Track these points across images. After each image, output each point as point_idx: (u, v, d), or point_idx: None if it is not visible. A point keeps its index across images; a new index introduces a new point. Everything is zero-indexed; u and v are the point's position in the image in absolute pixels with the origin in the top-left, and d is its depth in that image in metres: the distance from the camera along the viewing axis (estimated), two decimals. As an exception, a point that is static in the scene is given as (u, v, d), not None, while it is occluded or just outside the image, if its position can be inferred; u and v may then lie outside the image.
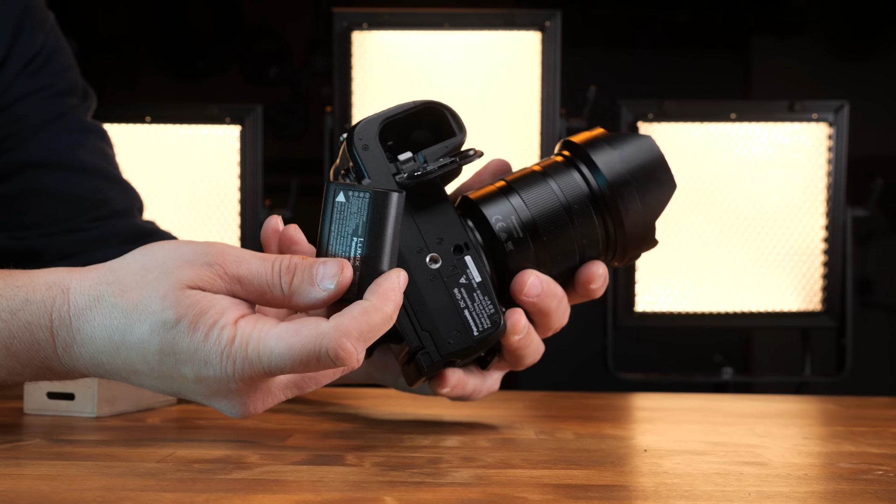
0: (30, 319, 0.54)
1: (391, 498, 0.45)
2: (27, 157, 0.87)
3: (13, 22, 0.87)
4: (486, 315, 0.60)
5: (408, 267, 0.59)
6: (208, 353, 0.52)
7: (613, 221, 0.64)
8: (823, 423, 0.79)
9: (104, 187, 0.90)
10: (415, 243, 0.60)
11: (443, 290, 0.59)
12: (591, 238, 0.64)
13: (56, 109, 0.89)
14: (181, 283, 0.52)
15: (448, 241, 0.60)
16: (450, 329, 0.59)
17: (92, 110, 0.94)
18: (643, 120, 1.62)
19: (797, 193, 1.62)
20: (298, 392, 0.57)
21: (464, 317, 0.59)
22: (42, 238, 0.87)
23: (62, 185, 0.88)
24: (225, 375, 0.52)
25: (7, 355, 0.55)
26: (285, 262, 0.53)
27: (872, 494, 0.48)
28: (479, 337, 0.59)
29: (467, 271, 0.60)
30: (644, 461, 0.56)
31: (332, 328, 0.51)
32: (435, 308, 0.59)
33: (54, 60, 0.90)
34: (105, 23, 2.78)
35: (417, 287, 0.59)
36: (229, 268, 0.53)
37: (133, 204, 0.92)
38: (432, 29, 1.60)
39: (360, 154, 0.61)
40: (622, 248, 0.65)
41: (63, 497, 0.43)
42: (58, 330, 0.54)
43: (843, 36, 2.82)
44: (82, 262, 0.85)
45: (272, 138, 1.98)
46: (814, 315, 1.64)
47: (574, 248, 0.64)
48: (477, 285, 0.60)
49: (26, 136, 0.87)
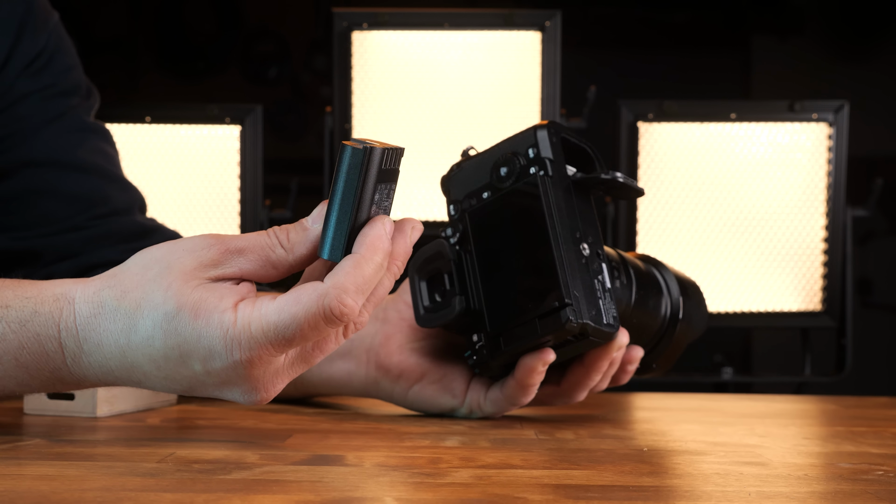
0: (38, 331, 0.54)
1: (391, 498, 0.45)
2: (27, 157, 0.87)
3: (16, 22, 0.87)
4: (612, 315, 0.65)
5: (567, 242, 0.64)
6: (212, 340, 0.52)
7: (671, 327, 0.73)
8: (823, 423, 0.79)
9: (104, 186, 0.89)
10: (575, 227, 0.65)
11: (587, 275, 0.64)
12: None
13: (57, 109, 0.89)
14: (184, 274, 0.52)
15: (595, 244, 0.66)
16: (589, 307, 0.64)
17: (94, 110, 0.94)
18: (643, 120, 1.62)
19: (797, 193, 1.62)
20: (306, 365, 0.56)
21: (598, 304, 0.64)
22: (41, 238, 0.87)
23: (62, 184, 0.87)
24: (232, 361, 0.52)
25: (16, 366, 0.55)
26: (277, 228, 0.55)
27: (872, 494, 0.48)
28: (607, 326, 0.64)
29: (603, 274, 0.65)
30: (644, 461, 0.56)
31: (329, 287, 0.51)
32: (582, 284, 0.64)
33: (57, 60, 0.90)
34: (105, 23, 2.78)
35: (573, 260, 0.64)
36: (229, 243, 0.54)
37: (134, 202, 0.92)
38: (432, 29, 1.59)
39: (552, 143, 0.67)
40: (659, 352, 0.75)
41: (63, 497, 0.43)
42: (66, 341, 0.54)
43: (843, 36, 2.82)
44: (83, 262, 0.85)
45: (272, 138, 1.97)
46: (814, 315, 1.64)
47: (647, 337, 0.73)
48: (607, 289, 0.65)
49: (26, 136, 0.87)
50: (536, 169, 0.66)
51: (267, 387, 0.55)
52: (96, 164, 0.90)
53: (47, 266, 0.86)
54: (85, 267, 0.84)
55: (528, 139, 0.68)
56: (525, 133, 0.68)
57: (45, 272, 0.85)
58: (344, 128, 1.60)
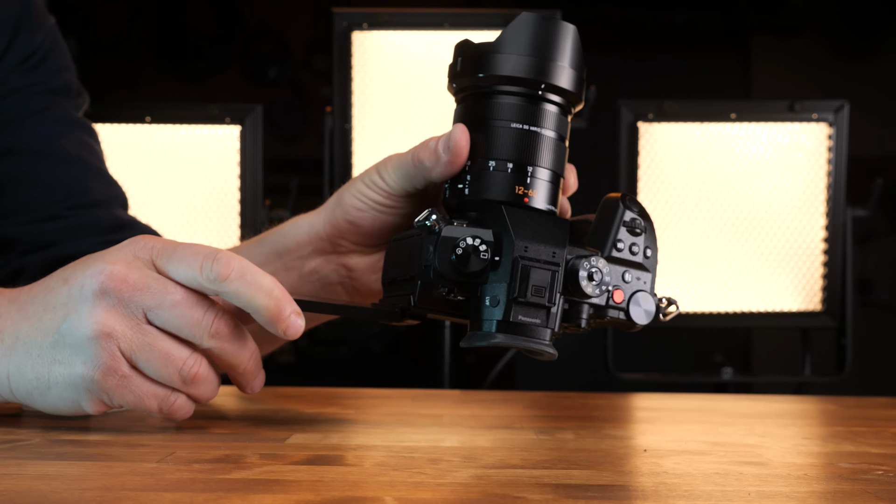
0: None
1: (391, 498, 0.45)
2: (9, 145, 0.87)
3: (13, 20, 0.88)
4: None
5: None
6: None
7: None
8: (823, 423, 0.79)
9: (85, 177, 0.89)
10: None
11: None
12: None
13: (44, 104, 0.89)
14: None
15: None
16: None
17: (83, 109, 0.94)
18: (643, 120, 1.62)
19: (797, 193, 1.62)
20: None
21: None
22: (17, 226, 0.86)
23: (42, 172, 0.87)
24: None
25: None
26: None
27: (872, 494, 0.48)
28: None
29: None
30: (644, 461, 0.56)
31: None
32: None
33: (51, 60, 0.90)
34: (105, 23, 2.78)
35: None
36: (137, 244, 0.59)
37: (115, 197, 0.91)
38: (432, 29, 1.60)
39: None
40: None
41: (63, 497, 0.43)
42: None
43: (842, 36, 2.82)
44: (55, 253, 0.84)
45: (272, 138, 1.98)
46: (814, 315, 1.64)
47: None
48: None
49: (11, 125, 0.87)
50: None
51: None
52: (80, 156, 0.89)
53: (22, 256, 0.85)
54: (57, 258, 0.82)
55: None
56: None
57: (19, 262, 0.85)
58: (344, 128, 1.60)
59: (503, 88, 0.65)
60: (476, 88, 0.66)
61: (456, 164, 0.64)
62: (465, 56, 0.66)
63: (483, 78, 0.65)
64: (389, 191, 0.70)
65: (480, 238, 0.60)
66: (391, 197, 0.70)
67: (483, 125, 0.65)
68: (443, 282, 0.61)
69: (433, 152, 0.65)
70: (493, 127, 0.65)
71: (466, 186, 0.65)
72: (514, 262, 0.59)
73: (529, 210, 0.63)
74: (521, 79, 0.64)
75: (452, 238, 0.60)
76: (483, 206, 0.64)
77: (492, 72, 0.64)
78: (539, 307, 0.60)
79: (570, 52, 0.65)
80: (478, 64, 0.65)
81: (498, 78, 0.64)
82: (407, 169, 0.68)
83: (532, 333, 0.60)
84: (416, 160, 0.67)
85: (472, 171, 0.65)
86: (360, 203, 0.71)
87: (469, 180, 0.65)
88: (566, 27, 0.65)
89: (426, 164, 0.66)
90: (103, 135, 0.99)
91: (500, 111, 0.65)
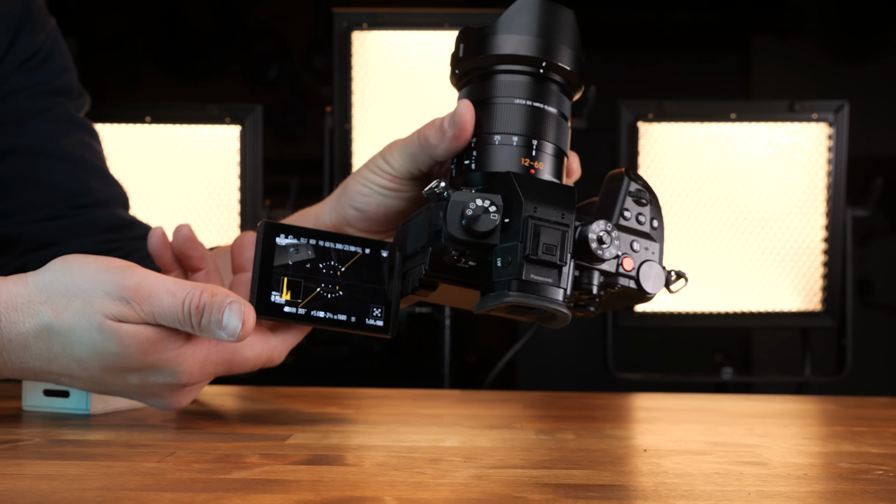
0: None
1: (391, 498, 0.45)
2: (12, 144, 0.87)
3: (15, 21, 0.88)
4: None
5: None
6: (164, 366, 0.59)
7: None
8: (823, 423, 0.79)
9: (87, 177, 0.89)
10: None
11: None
12: None
13: (46, 104, 0.89)
14: (105, 315, 0.56)
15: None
16: None
17: (84, 110, 0.94)
18: (643, 120, 1.62)
19: (797, 193, 1.62)
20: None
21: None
22: (20, 225, 0.86)
23: (44, 172, 0.88)
24: (179, 382, 0.60)
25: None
26: (195, 301, 0.57)
27: (872, 494, 0.48)
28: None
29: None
30: (644, 461, 0.56)
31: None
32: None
33: (52, 61, 0.91)
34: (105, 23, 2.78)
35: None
36: (144, 305, 0.57)
37: (116, 197, 0.91)
38: (432, 29, 1.59)
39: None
40: None
41: (63, 497, 0.43)
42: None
43: (842, 36, 2.82)
44: (57, 252, 0.85)
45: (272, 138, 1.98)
46: (814, 315, 1.64)
47: None
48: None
49: (14, 125, 0.87)
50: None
51: (187, 398, 0.63)
52: (81, 156, 0.90)
53: (24, 254, 0.86)
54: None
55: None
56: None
57: (20, 261, 0.85)
58: (344, 128, 1.60)
59: (505, 67, 0.66)
60: (479, 70, 0.67)
61: (462, 137, 0.65)
62: (468, 41, 0.67)
63: (485, 58, 0.66)
64: (394, 174, 0.70)
65: (490, 200, 0.60)
66: (396, 180, 0.71)
67: (487, 103, 0.66)
68: (454, 244, 0.60)
69: (438, 129, 0.66)
70: (497, 104, 0.65)
71: (473, 161, 0.65)
72: (525, 222, 0.59)
73: (537, 178, 0.63)
74: (523, 56, 0.65)
75: (462, 202, 0.60)
76: (490, 178, 0.64)
77: (493, 51, 0.65)
78: (551, 266, 0.59)
79: (569, 33, 0.66)
80: (479, 45, 0.66)
81: (500, 57, 0.65)
82: (412, 150, 0.68)
83: (545, 292, 0.59)
84: (422, 138, 0.67)
85: (477, 147, 0.65)
86: (366, 189, 0.72)
87: (475, 156, 0.65)
88: (565, 10, 0.66)
89: (432, 140, 0.66)
90: (104, 135, 0.99)
91: (504, 88, 0.65)
